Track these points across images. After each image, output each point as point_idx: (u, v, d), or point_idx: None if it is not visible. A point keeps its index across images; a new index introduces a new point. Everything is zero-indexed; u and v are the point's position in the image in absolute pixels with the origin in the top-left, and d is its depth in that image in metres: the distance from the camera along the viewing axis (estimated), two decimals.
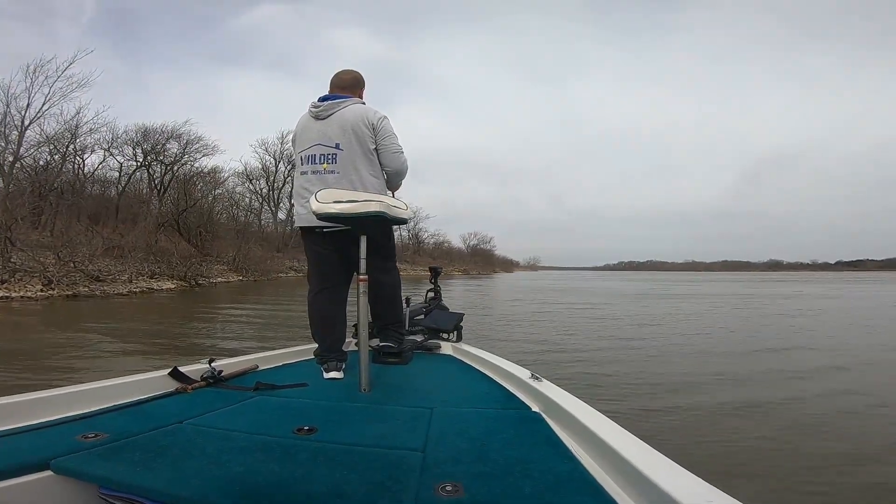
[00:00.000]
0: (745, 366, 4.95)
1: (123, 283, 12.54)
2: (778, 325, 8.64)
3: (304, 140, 1.83)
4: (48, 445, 0.93)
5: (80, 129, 20.98)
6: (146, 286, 13.24)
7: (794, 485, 2.26)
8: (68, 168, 22.17)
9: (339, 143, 1.78)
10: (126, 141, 23.52)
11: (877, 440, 2.84)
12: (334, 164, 1.78)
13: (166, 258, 15.42)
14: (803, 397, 3.75)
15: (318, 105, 1.82)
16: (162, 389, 1.39)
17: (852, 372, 4.70)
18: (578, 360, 5.08)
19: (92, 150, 22.69)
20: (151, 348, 5.33)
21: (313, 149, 1.80)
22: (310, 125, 1.83)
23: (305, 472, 0.86)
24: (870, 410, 3.40)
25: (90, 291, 10.96)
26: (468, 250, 69.30)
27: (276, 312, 9.20)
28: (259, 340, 6.01)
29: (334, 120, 1.79)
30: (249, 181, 32.88)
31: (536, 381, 1.42)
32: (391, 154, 1.86)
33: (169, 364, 1.50)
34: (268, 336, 6.49)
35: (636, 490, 0.79)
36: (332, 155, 1.78)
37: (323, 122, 1.80)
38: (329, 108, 1.80)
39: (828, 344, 6.39)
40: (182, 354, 4.80)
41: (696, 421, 3.14)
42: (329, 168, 1.77)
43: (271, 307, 10.35)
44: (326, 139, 1.79)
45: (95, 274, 11.94)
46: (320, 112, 1.81)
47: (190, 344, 5.76)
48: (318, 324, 1.85)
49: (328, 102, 1.82)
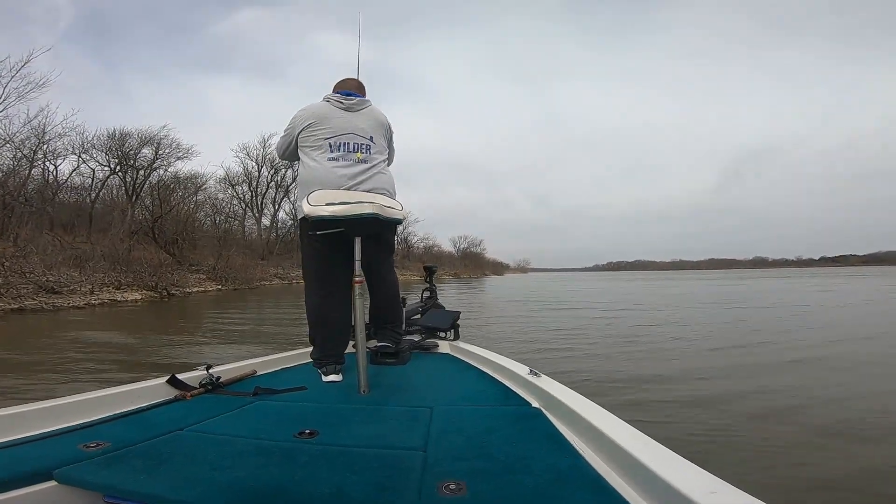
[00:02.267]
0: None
1: (83, 295, 11.35)
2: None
3: (333, 127, 1.79)
4: (50, 455, 0.92)
5: (46, 133, 19.94)
6: (109, 298, 12.05)
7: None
8: (37, 174, 21.01)
9: (373, 137, 1.82)
10: (97, 146, 22.37)
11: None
12: (368, 154, 1.79)
13: (133, 267, 14.17)
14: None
15: (348, 98, 1.84)
16: (161, 397, 1.36)
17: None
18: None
19: (63, 156, 21.60)
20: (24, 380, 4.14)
21: (346, 136, 1.79)
22: (337, 114, 1.81)
23: (307, 476, 0.85)
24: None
25: (38, 305, 9.77)
26: (458, 253, 68.44)
27: (238, 328, 7.94)
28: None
29: (366, 115, 1.84)
30: (232, 186, 31.60)
31: (535, 377, 1.40)
32: (394, 155, 2.01)
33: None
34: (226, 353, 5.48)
35: (639, 483, 0.77)
36: (366, 146, 1.80)
37: (354, 115, 1.82)
38: (360, 104, 1.85)
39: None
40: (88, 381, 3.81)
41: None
42: (363, 157, 1.78)
43: (236, 320, 9.26)
44: (360, 130, 1.80)
45: (50, 286, 10.74)
46: (352, 105, 1.83)
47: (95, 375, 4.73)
48: (317, 326, 1.81)
49: (358, 98, 1.86)
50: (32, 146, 19.43)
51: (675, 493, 0.67)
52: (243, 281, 21.52)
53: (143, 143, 23.03)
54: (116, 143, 22.55)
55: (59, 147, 20.82)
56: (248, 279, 22.18)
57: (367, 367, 1.53)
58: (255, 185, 32.64)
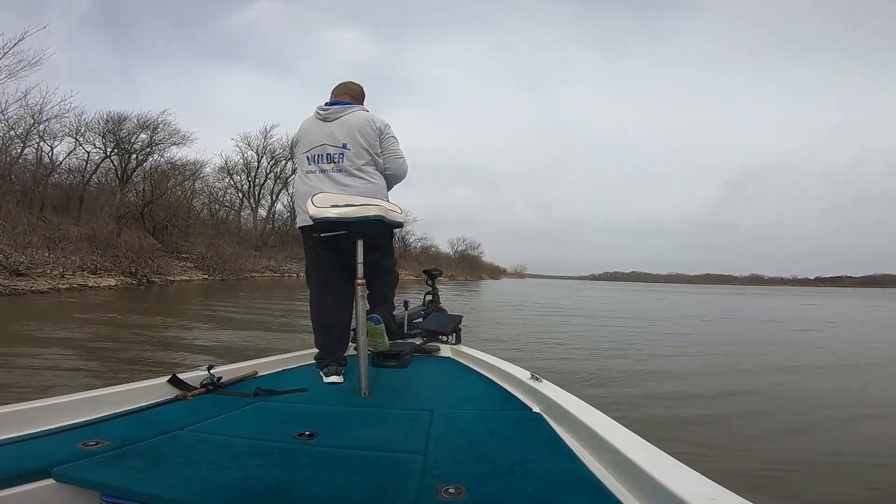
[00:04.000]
0: None
1: (51, 279, 10.70)
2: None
3: (310, 140, 1.81)
4: (49, 453, 0.90)
5: (42, 113, 19.34)
6: (79, 283, 11.39)
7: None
8: (31, 154, 20.40)
9: (346, 144, 1.77)
10: (92, 128, 21.73)
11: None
12: (341, 163, 1.77)
13: (111, 251, 13.50)
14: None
15: (325, 108, 1.83)
16: (161, 397, 1.34)
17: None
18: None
19: (60, 138, 21.00)
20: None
21: (319, 148, 1.79)
22: (315, 126, 1.82)
23: (306, 477, 0.84)
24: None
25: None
26: (456, 255, 67.73)
27: (191, 333, 6.30)
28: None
29: (342, 122, 1.80)
30: (230, 175, 30.92)
31: (536, 381, 1.40)
32: (394, 159, 1.87)
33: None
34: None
35: (639, 489, 0.77)
36: (339, 154, 1.77)
37: (330, 124, 1.80)
38: (337, 112, 1.82)
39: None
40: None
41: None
42: (336, 167, 1.77)
43: (202, 321, 8.50)
44: (333, 139, 1.78)
45: (14, 267, 10.09)
46: (328, 114, 1.82)
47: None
48: (319, 328, 1.80)
49: (336, 106, 1.83)
50: (27, 126, 18.88)
51: (676, 500, 0.66)
52: (232, 271, 20.84)
53: (139, 128, 22.41)
54: (112, 126, 21.90)
55: (57, 129, 20.28)
56: (238, 270, 21.50)
57: (368, 369, 1.51)
58: (254, 176, 31.95)
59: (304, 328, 6.17)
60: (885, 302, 26.37)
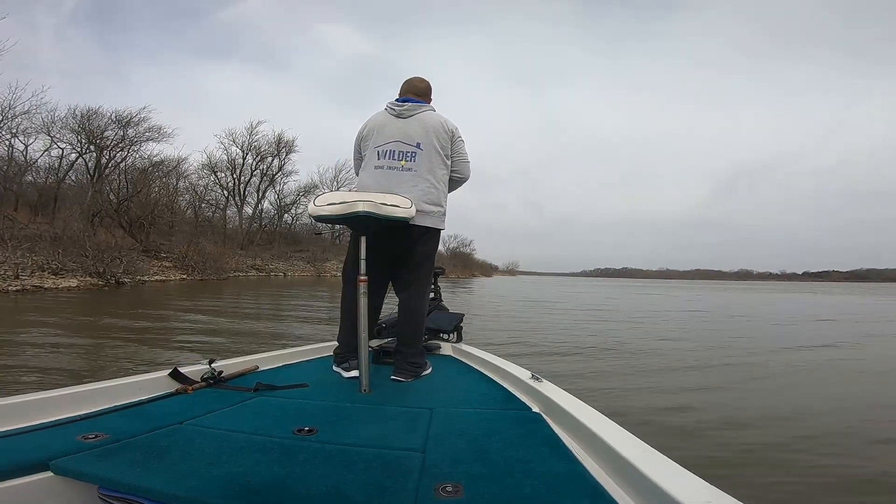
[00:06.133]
0: None
1: (1, 279, 9.83)
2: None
3: (383, 136, 1.79)
4: (48, 446, 0.90)
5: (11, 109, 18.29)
6: (34, 284, 10.51)
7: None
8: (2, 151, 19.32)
9: (421, 143, 1.77)
10: (66, 125, 20.69)
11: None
12: (413, 161, 1.75)
13: (72, 250, 12.58)
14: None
15: (400, 104, 1.82)
16: (162, 390, 1.34)
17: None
18: None
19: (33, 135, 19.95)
20: None
21: (392, 145, 1.76)
22: (389, 122, 1.80)
23: (305, 473, 0.84)
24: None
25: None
26: (447, 253, 67.02)
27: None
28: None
29: (417, 120, 1.79)
30: (214, 173, 29.84)
31: (537, 381, 1.40)
32: (463, 162, 1.88)
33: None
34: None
35: (636, 490, 0.77)
36: (411, 153, 1.76)
37: (404, 122, 1.79)
38: (412, 109, 1.81)
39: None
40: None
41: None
42: (407, 165, 1.74)
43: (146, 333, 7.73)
44: (408, 137, 1.77)
45: None
46: (403, 111, 1.80)
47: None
48: (342, 322, 1.80)
49: (410, 104, 1.82)
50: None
51: (673, 501, 0.67)
52: (213, 271, 19.93)
53: (115, 124, 21.38)
54: (83, 122, 20.84)
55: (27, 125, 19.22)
56: (219, 269, 20.58)
57: (368, 366, 1.49)
58: (239, 173, 30.88)
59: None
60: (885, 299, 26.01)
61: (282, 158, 31.83)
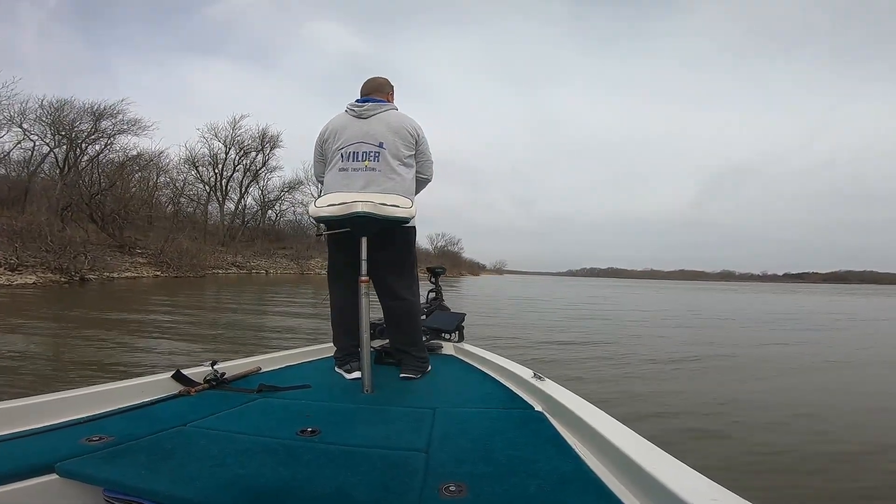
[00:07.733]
0: None
1: None
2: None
3: (346, 137, 1.75)
4: (53, 449, 0.90)
5: None
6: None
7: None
8: None
9: (384, 143, 1.74)
10: (36, 116, 19.74)
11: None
12: (376, 161, 1.72)
13: (39, 245, 11.87)
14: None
15: (360, 104, 1.79)
16: (165, 392, 1.33)
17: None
18: None
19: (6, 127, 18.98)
20: None
21: (354, 146, 1.73)
22: (350, 123, 1.77)
23: (309, 474, 0.83)
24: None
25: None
26: (435, 251, 66.54)
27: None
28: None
29: (378, 120, 1.76)
30: (195, 168, 28.93)
31: (539, 380, 1.40)
32: (426, 162, 1.87)
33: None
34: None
35: (641, 489, 0.77)
36: (375, 153, 1.73)
37: (365, 122, 1.76)
38: (372, 109, 1.77)
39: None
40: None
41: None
42: (371, 165, 1.71)
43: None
44: (370, 137, 1.73)
45: None
46: (364, 111, 1.77)
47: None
48: (336, 325, 1.80)
49: (371, 103, 1.78)
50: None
51: (677, 500, 0.67)
52: (190, 268, 19.21)
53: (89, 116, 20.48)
54: (52, 112, 19.93)
55: None
56: (197, 266, 19.86)
57: (371, 366, 1.50)
58: (221, 168, 30.00)
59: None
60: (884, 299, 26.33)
61: (266, 154, 31.06)
